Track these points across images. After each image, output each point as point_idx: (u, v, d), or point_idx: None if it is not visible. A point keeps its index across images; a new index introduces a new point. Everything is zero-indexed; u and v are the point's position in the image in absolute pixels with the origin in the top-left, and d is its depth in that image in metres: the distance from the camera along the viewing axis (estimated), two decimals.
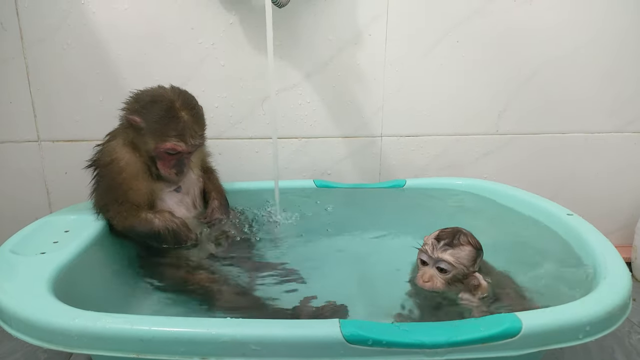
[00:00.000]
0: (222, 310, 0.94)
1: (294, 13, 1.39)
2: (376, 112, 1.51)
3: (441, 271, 0.94)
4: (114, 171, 1.07)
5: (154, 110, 1.06)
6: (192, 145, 1.09)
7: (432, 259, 0.95)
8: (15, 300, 0.77)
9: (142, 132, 1.07)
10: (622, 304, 0.78)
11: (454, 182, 1.43)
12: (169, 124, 1.06)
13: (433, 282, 0.94)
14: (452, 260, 0.93)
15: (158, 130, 1.06)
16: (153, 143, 1.07)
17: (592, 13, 1.47)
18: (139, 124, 1.07)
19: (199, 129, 1.11)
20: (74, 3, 1.32)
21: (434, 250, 0.95)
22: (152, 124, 1.06)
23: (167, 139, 1.06)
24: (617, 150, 1.60)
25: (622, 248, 1.57)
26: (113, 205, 1.07)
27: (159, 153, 1.08)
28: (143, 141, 1.08)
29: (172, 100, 1.08)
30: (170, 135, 1.06)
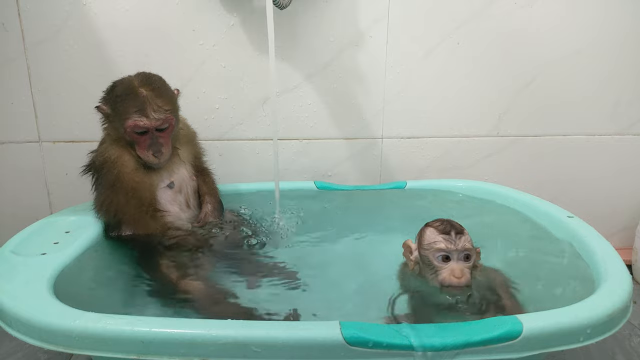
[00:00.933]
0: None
1: (295, 14, 1.39)
2: (377, 113, 1.51)
3: (466, 259, 0.91)
4: (109, 169, 1.08)
5: (114, 93, 1.08)
6: (155, 119, 1.07)
7: (457, 251, 0.91)
8: (16, 301, 0.77)
9: (111, 119, 1.09)
10: (623, 306, 0.78)
11: (455, 184, 1.43)
12: (127, 101, 1.06)
13: (465, 276, 0.89)
14: (469, 243, 0.92)
15: (120, 110, 1.07)
16: (121, 126, 1.07)
17: (592, 16, 1.47)
18: (107, 111, 1.09)
19: (161, 103, 1.08)
20: (75, 4, 1.33)
21: (457, 242, 0.91)
22: (115, 107, 1.07)
23: (129, 117, 1.06)
24: (618, 153, 1.60)
25: (622, 250, 1.58)
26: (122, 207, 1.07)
27: (130, 136, 1.08)
28: (115, 129, 1.09)
29: (130, 80, 1.09)
30: (131, 112, 1.06)
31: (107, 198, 1.08)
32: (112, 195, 1.08)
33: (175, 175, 1.16)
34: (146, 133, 1.08)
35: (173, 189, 1.15)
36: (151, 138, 1.09)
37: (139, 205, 1.08)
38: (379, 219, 1.34)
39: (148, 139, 1.09)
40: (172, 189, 1.15)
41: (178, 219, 1.15)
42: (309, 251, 1.18)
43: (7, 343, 1.18)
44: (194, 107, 1.43)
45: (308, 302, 0.98)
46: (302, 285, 1.03)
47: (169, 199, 1.15)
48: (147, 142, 1.09)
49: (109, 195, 1.08)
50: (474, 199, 1.37)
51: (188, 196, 1.19)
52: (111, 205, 1.08)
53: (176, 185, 1.16)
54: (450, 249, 0.91)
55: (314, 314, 0.93)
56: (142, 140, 1.08)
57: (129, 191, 1.08)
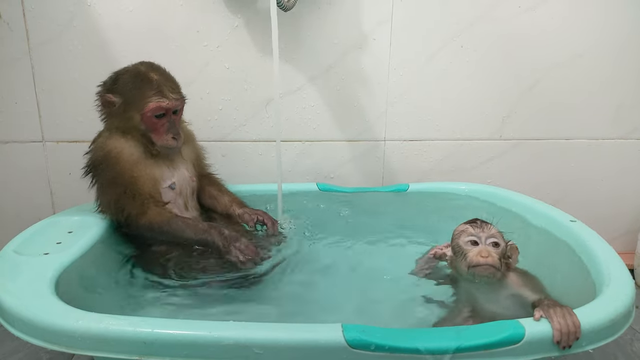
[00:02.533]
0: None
1: (299, 17, 1.40)
2: (380, 116, 1.51)
3: (495, 245, 0.97)
4: (110, 163, 1.07)
5: (123, 81, 1.08)
6: (174, 99, 1.08)
7: (484, 235, 0.97)
8: (19, 301, 0.77)
9: (122, 109, 1.08)
10: (625, 311, 0.78)
11: (457, 186, 1.43)
12: (143, 86, 1.06)
13: (492, 256, 0.94)
14: (498, 234, 0.98)
15: (136, 96, 1.06)
16: (137, 113, 1.07)
17: (595, 21, 1.47)
18: (115, 102, 1.08)
19: (174, 85, 1.11)
20: (80, 5, 1.33)
21: (483, 227, 0.98)
22: (129, 95, 1.07)
23: (149, 100, 1.06)
24: (620, 157, 1.60)
25: (624, 255, 1.57)
26: (126, 201, 1.06)
27: (148, 121, 1.08)
28: (127, 118, 1.08)
29: (137, 68, 1.09)
30: (149, 95, 1.06)
31: (112, 196, 1.07)
32: (115, 192, 1.07)
33: (176, 175, 1.16)
34: (164, 116, 1.08)
35: (174, 191, 1.15)
36: (169, 121, 1.09)
37: (140, 202, 1.07)
38: (381, 221, 1.34)
39: (166, 122, 1.09)
40: (173, 190, 1.14)
41: None
42: (310, 252, 1.18)
43: (9, 342, 1.18)
44: (198, 108, 1.43)
45: (310, 304, 0.98)
46: (304, 286, 1.04)
47: (171, 200, 1.14)
48: (166, 125, 1.09)
49: (113, 193, 1.07)
50: (476, 202, 1.37)
51: (187, 198, 1.19)
52: (118, 203, 1.07)
53: (177, 187, 1.16)
54: (477, 232, 0.98)
55: (316, 316, 0.93)
56: (160, 124, 1.09)
57: (130, 187, 1.06)
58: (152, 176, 1.10)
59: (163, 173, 1.13)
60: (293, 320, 0.92)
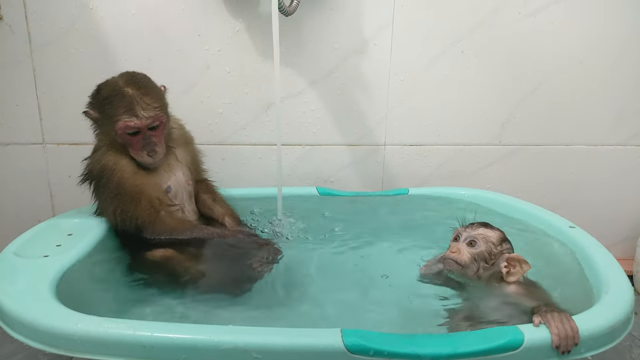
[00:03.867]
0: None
1: (300, 21, 1.40)
2: (380, 120, 1.52)
3: (470, 245, 0.98)
4: (108, 177, 1.06)
5: (100, 96, 1.07)
6: (145, 117, 1.04)
7: (465, 234, 1.00)
8: (19, 304, 0.78)
9: (100, 123, 1.07)
10: (624, 318, 0.79)
11: (457, 192, 1.43)
12: (115, 102, 1.04)
13: (459, 253, 0.98)
14: (481, 236, 0.99)
15: (109, 113, 1.05)
16: (112, 129, 1.05)
17: (595, 28, 1.48)
18: (95, 116, 1.07)
19: (150, 101, 1.06)
20: (82, 8, 1.34)
21: (468, 228, 1.01)
22: (103, 110, 1.06)
23: (118, 118, 1.03)
24: (619, 163, 1.61)
25: (623, 261, 1.58)
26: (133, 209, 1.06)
27: (122, 137, 1.06)
28: (106, 133, 1.07)
29: (115, 82, 1.07)
30: (120, 113, 1.03)
31: (117, 206, 1.06)
32: (120, 203, 1.06)
33: (172, 178, 1.15)
34: (138, 133, 1.06)
35: (170, 194, 1.14)
36: (144, 138, 1.06)
37: (149, 206, 1.07)
38: (381, 225, 1.34)
39: (141, 139, 1.06)
40: (169, 193, 1.14)
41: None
42: (310, 256, 1.18)
43: (8, 345, 1.18)
44: (198, 112, 1.44)
45: (309, 308, 0.98)
46: (303, 290, 1.03)
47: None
48: (140, 142, 1.06)
49: (118, 204, 1.06)
50: (475, 207, 1.37)
51: (183, 202, 1.18)
52: (125, 212, 1.06)
53: (172, 190, 1.15)
54: (461, 231, 1.02)
55: (314, 320, 0.93)
56: (134, 141, 1.06)
57: (135, 195, 1.06)
58: (153, 181, 1.10)
59: (161, 176, 1.13)
60: (292, 324, 0.92)
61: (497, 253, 0.98)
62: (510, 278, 0.95)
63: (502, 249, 0.99)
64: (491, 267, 0.97)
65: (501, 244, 0.99)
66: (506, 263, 0.96)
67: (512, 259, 0.95)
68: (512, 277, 0.95)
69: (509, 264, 0.95)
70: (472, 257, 0.98)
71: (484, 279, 0.98)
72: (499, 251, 0.98)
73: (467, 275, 0.98)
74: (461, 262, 0.98)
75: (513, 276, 0.95)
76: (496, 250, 0.98)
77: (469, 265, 0.98)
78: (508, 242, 1.01)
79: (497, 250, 0.98)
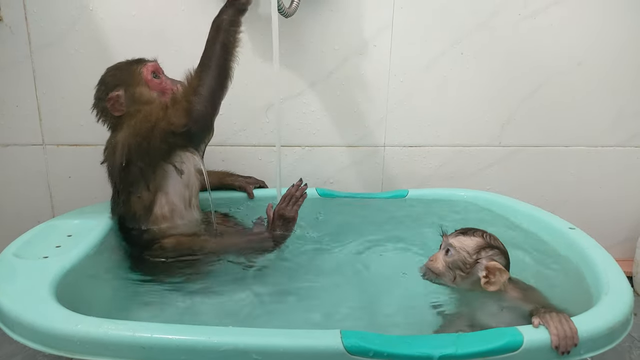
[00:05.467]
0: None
1: (300, 22, 1.40)
2: (379, 121, 1.52)
3: (446, 253, 0.99)
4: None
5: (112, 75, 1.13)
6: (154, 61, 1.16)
7: (444, 243, 1.01)
8: (18, 305, 0.77)
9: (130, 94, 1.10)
10: (624, 319, 0.78)
11: (457, 193, 1.43)
12: (129, 65, 1.13)
13: (435, 262, 0.99)
14: (456, 244, 0.98)
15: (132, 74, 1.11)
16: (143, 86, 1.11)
17: (594, 29, 1.48)
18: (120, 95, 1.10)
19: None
20: (82, 9, 1.34)
21: (449, 236, 1.01)
22: (125, 79, 1.11)
23: (141, 69, 1.12)
24: (619, 164, 1.61)
25: (623, 262, 1.58)
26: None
27: (154, 85, 1.12)
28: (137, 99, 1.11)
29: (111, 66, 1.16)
30: (138, 65, 1.12)
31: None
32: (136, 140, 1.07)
33: (185, 165, 1.15)
34: (160, 77, 1.14)
35: (182, 180, 1.14)
36: (166, 77, 1.15)
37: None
38: (381, 226, 1.34)
39: (165, 78, 1.15)
40: (181, 176, 1.14)
41: (180, 218, 1.15)
42: (310, 258, 1.18)
43: (7, 345, 1.18)
44: None
45: (308, 310, 0.98)
46: (304, 291, 1.04)
47: (178, 192, 1.14)
48: (167, 80, 1.15)
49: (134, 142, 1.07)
50: (475, 208, 1.37)
51: (192, 193, 1.18)
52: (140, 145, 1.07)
53: (185, 175, 1.14)
54: (444, 239, 1.02)
55: (314, 322, 0.93)
56: (163, 81, 1.14)
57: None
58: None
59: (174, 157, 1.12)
60: (291, 325, 0.92)
61: (472, 262, 0.96)
62: (489, 287, 0.93)
63: (478, 257, 0.96)
64: (468, 275, 0.96)
65: (479, 252, 0.96)
66: (485, 273, 0.94)
67: (490, 268, 0.93)
68: (491, 286, 0.93)
69: (488, 272, 0.93)
70: (446, 266, 0.98)
71: (464, 286, 0.97)
72: (474, 260, 0.96)
73: (446, 283, 0.98)
74: (435, 270, 0.99)
75: (492, 285, 0.93)
76: (471, 259, 0.96)
77: (444, 273, 0.98)
78: (491, 249, 0.97)
79: (471, 259, 0.96)
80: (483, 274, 0.94)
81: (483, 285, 0.93)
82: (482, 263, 0.95)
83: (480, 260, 0.95)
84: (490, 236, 1.00)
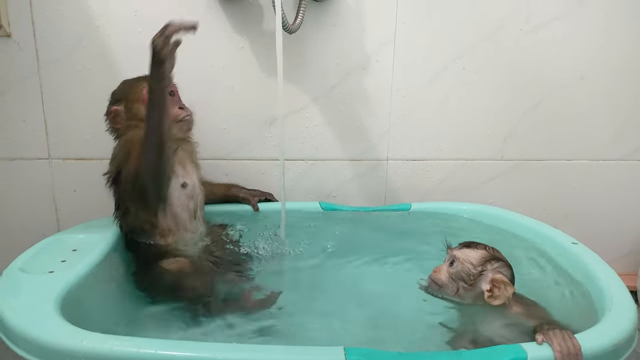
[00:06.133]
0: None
1: (303, 38, 1.42)
2: (382, 135, 1.53)
3: (451, 265, 0.99)
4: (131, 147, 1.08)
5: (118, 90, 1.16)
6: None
7: (448, 255, 1.02)
8: (23, 320, 0.78)
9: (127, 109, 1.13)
10: (628, 336, 0.78)
11: (459, 207, 1.43)
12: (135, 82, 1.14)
13: (438, 273, 1.00)
14: (460, 256, 0.98)
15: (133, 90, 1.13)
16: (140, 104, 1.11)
17: (596, 44, 1.49)
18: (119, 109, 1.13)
19: None
20: (89, 26, 1.36)
21: (454, 248, 1.02)
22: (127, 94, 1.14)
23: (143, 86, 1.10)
24: (622, 178, 1.61)
25: (627, 276, 1.57)
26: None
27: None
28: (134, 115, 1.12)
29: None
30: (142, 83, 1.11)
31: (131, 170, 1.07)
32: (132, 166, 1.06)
33: (188, 176, 1.16)
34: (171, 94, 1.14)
35: (186, 192, 1.15)
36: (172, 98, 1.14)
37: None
38: (384, 240, 1.34)
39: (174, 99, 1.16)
40: (185, 189, 1.14)
41: (185, 230, 1.15)
42: (312, 272, 1.18)
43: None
44: (202, 127, 1.43)
45: (310, 326, 0.98)
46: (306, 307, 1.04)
47: (182, 203, 1.14)
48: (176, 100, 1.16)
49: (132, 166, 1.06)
50: (477, 222, 1.37)
51: (197, 205, 1.19)
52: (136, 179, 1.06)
53: (189, 187, 1.15)
54: (448, 252, 1.03)
55: (317, 338, 0.93)
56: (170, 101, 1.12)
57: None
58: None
59: (177, 169, 1.14)
60: (294, 342, 0.92)
61: (476, 274, 0.95)
62: (493, 301, 0.92)
63: (483, 269, 0.96)
64: (471, 287, 0.96)
65: (483, 264, 0.96)
66: (489, 286, 0.93)
67: (496, 280, 0.93)
68: (495, 300, 0.92)
69: (493, 285, 0.93)
70: (449, 277, 0.98)
71: (467, 299, 0.97)
72: (479, 272, 0.95)
73: (449, 295, 0.98)
74: (438, 281, 0.99)
75: (496, 299, 0.92)
76: (475, 271, 0.96)
77: (447, 284, 0.98)
78: (496, 261, 0.97)
79: (475, 271, 0.96)
80: (487, 287, 0.94)
81: (487, 299, 0.93)
82: (486, 276, 0.95)
83: (484, 272, 0.95)
84: (493, 249, 1.00)
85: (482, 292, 0.94)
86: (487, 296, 0.93)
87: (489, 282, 0.94)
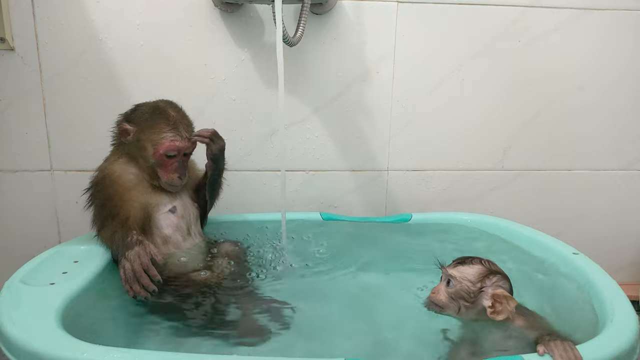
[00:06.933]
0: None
1: (303, 51, 1.44)
2: (383, 146, 1.54)
3: (448, 285, 0.97)
4: (106, 185, 1.08)
5: (140, 112, 1.10)
6: (187, 139, 1.09)
7: (444, 274, 0.99)
8: (24, 333, 0.78)
9: (136, 138, 1.09)
10: (630, 347, 0.78)
11: (460, 217, 1.43)
12: (160, 120, 1.08)
13: (437, 294, 0.98)
14: (457, 275, 0.96)
15: (152, 129, 1.08)
16: (151, 147, 1.08)
17: (595, 54, 1.51)
18: (130, 131, 1.09)
19: (189, 124, 1.13)
20: (92, 39, 1.37)
21: (448, 267, 1.00)
22: (144, 125, 1.08)
23: (164, 137, 1.07)
24: (622, 188, 1.61)
25: (629, 286, 1.57)
26: (107, 222, 1.06)
27: (159, 158, 1.08)
28: (139, 148, 1.09)
29: (156, 102, 1.12)
30: (165, 130, 1.07)
31: (99, 219, 1.08)
32: (101, 215, 1.07)
33: (177, 200, 1.16)
34: (175, 157, 1.10)
35: (176, 214, 1.15)
36: (179, 161, 1.11)
37: (121, 221, 1.05)
38: (384, 251, 1.34)
39: (176, 162, 1.10)
40: (174, 213, 1.14)
41: (178, 248, 1.15)
42: (314, 283, 1.18)
43: None
44: None
45: (312, 337, 0.97)
46: (306, 318, 1.03)
47: (172, 225, 1.14)
48: (175, 165, 1.10)
49: (100, 215, 1.08)
50: (478, 233, 1.37)
51: (190, 223, 1.18)
52: (103, 226, 1.07)
53: (179, 211, 1.15)
54: (443, 270, 1.00)
55: (316, 350, 0.93)
56: (169, 163, 1.10)
57: (115, 207, 1.06)
58: (144, 203, 1.10)
59: (162, 199, 1.13)
60: (294, 354, 0.92)
61: (476, 290, 0.94)
62: (496, 317, 0.91)
63: (482, 285, 0.94)
64: (473, 304, 0.94)
65: (482, 280, 0.94)
66: (491, 302, 0.92)
67: (497, 295, 0.91)
68: (498, 315, 0.91)
69: (495, 300, 0.91)
70: (449, 297, 0.96)
71: (470, 316, 0.95)
72: (478, 288, 0.94)
73: (451, 314, 0.97)
74: (439, 302, 0.97)
75: (499, 314, 0.90)
76: (474, 288, 0.94)
77: (448, 305, 0.96)
78: (494, 275, 0.95)
79: (475, 288, 0.94)
80: (489, 303, 0.92)
81: (490, 316, 0.91)
82: (486, 292, 0.93)
83: (484, 288, 0.94)
84: (488, 262, 0.99)
85: (484, 309, 0.93)
86: (490, 312, 0.91)
87: (489, 298, 0.92)
